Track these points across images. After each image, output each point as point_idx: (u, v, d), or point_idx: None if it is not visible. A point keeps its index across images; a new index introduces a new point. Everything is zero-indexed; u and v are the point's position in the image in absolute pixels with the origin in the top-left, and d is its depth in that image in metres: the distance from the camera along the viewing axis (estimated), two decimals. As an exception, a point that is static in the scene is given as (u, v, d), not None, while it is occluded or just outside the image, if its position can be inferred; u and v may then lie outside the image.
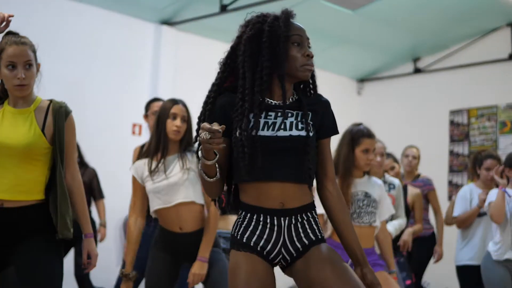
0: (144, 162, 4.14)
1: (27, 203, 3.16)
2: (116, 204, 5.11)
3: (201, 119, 2.72)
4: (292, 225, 2.65)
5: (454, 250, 6.16)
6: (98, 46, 7.89)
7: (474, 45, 9.83)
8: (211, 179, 2.57)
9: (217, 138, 2.40)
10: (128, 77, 8.16)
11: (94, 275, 6.65)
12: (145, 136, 5.11)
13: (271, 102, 2.68)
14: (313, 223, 2.69)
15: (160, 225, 4.15)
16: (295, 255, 2.66)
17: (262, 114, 2.63)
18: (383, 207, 4.42)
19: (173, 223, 4.05)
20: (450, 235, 7.13)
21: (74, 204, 3.32)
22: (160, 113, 4.18)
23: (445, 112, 10.04)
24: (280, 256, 2.66)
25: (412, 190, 6.08)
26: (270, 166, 2.61)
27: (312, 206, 2.70)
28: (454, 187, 9.68)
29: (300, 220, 2.66)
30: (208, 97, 2.73)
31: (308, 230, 2.67)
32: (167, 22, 8.48)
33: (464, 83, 9.85)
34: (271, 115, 2.65)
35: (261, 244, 2.64)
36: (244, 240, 2.65)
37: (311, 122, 2.67)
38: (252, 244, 2.64)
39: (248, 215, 2.67)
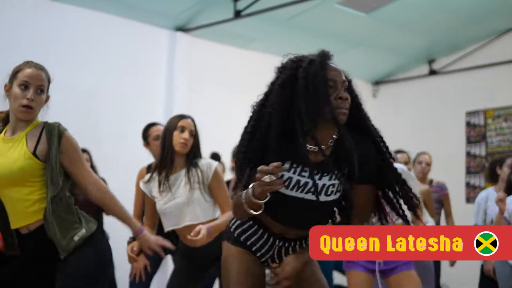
0: (153, 179, 4.16)
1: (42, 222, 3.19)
2: (129, 212, 5.12)
3: (240, 167, 2.71)
4: (284, 248, 2.79)
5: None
6: (112, 53, 7.92)
7: (490, 46, 9.78)
8: (255, 213, 2.59)
9: (278, 178, 2.42)
10: (143, 84, 8.19)
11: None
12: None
13: (309, 147, 2.62)
14: (304, 245, 2.80)
15: (180, 240, 4.19)
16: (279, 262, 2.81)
17: (297, 170, 2.63)
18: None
19: (189, 240, 4.07)
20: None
21: (112, 212, 3.39)
22: (167, 126, 4.16)
23: (462, 114, 9.99)
24: (266, 263, 2.85)
25: (420, 187, 6.09)
26: (289, 218, 2.71)
27: None
28: (471, 189, 9.63)
29: (293, 245, 2.79)
30: (242, 146, 2.71)
31: (297, 248, 2.80)
32: (182, 29, 8.51)
33: (480, 84, 9.81)
34: (305, 173, 2.63)
35: (253, 249, 2.81)
36: (242, 239, 2.81)
37: (344, 176, 2.65)
38: (248, 244, 2.80)
39: (255, 226, 2.80)
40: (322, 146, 2.62)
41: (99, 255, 3.25)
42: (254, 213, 2.57)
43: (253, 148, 2.66)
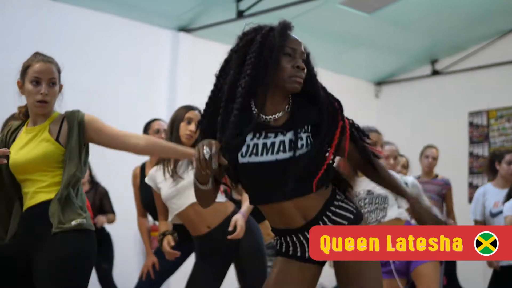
0: (156, 169, 4.17)
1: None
2: (134, 215, 5.15)
3: (201, 135, 2.68)
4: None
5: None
6: (114, 53, 7.93)
7: (492, 46, 9.77)
8: (203, 187, 2.56)
9: (208, 165, 2.40)
10: (145, 84, 8.19)
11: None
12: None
13: (263, 118, 2.59)
14: (339, 211, 2.63)
15: (193, 237, 4.15)
16: None
17: (262, 135, 2.57)
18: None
19: (200, 225, 4.04)
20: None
21: (166, 151, 3.53)
22: (174, 117, 4.19)
23: (464, 114, 9.98)
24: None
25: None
26: (272, 189, 2.58)
27: (332, 199, 2.65)
28: (474, 189, 9.59)
29: (327, 220, 2.61)
30: (205, 111, 2.69)
31: (339, 220, 2.61)
32: (184, 29, 8.51)
33: (483, 84, 9.79)
34: (270, 135, 2.57)
35: (305, 256, 2.66)
36: (290, 253, 2.68)
37: (309, 135, 2.59)
38: (298, 255, 2.67)
39: (282, 238, 2.69)
40: (278, 113, 2.59)
41: (88, 246, 3.23)
42: (203, 187, 2.54)
43: (207, 118, 2.64)
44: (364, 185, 4.26)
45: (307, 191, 2.58)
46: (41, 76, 3.25)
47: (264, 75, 2.53)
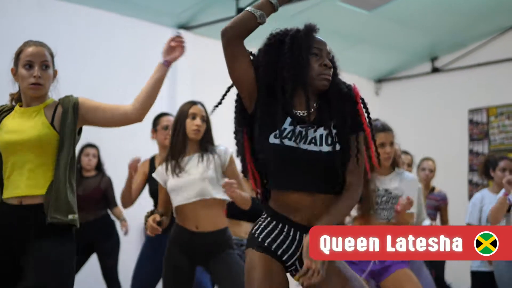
0: (163, 165, 4.20)
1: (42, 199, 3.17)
2: (136, 210, 5.16)
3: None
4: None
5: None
6: (115, 51, 7.92)
7: (493, 43, 9.77)
8: (260, 20, 2.82)
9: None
10: (146, 82, 8.18)
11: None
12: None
13: (297, 113, 2.72)
14: None
15: (177, 223, 4.18)
16: None
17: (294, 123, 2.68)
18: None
19: (190, 221, 4.09)
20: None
21: (152, 90, 3.84)
22: (179, 114, 4.26)
23: (464, 111, 9.98)
24: (294, 267, 2.73)
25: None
26: (299, 179, 2.66)
27: None
28: (474, 186, 9.62)
29: None
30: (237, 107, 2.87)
31: None
32: (184, 26, 8.51)
33: (483, 82, 9.80)
34: (302, 127, 2.69)
35: (279, 252, 2.70)
36: (266, 244, 2.70)
37: (335, 132, 2.71)
38: (271, 249, 2.70)
39: (274, 222, 2.73)
40: (309, 110, 2.72)
41: (73, 247, 3.23)
42: (260, 20, 2.76)
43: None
44: (382, 184, 4.31)
45: (327, 189, 2.67)
46: (33, 59, 3.25)
47: (300, 75, 2.69)
